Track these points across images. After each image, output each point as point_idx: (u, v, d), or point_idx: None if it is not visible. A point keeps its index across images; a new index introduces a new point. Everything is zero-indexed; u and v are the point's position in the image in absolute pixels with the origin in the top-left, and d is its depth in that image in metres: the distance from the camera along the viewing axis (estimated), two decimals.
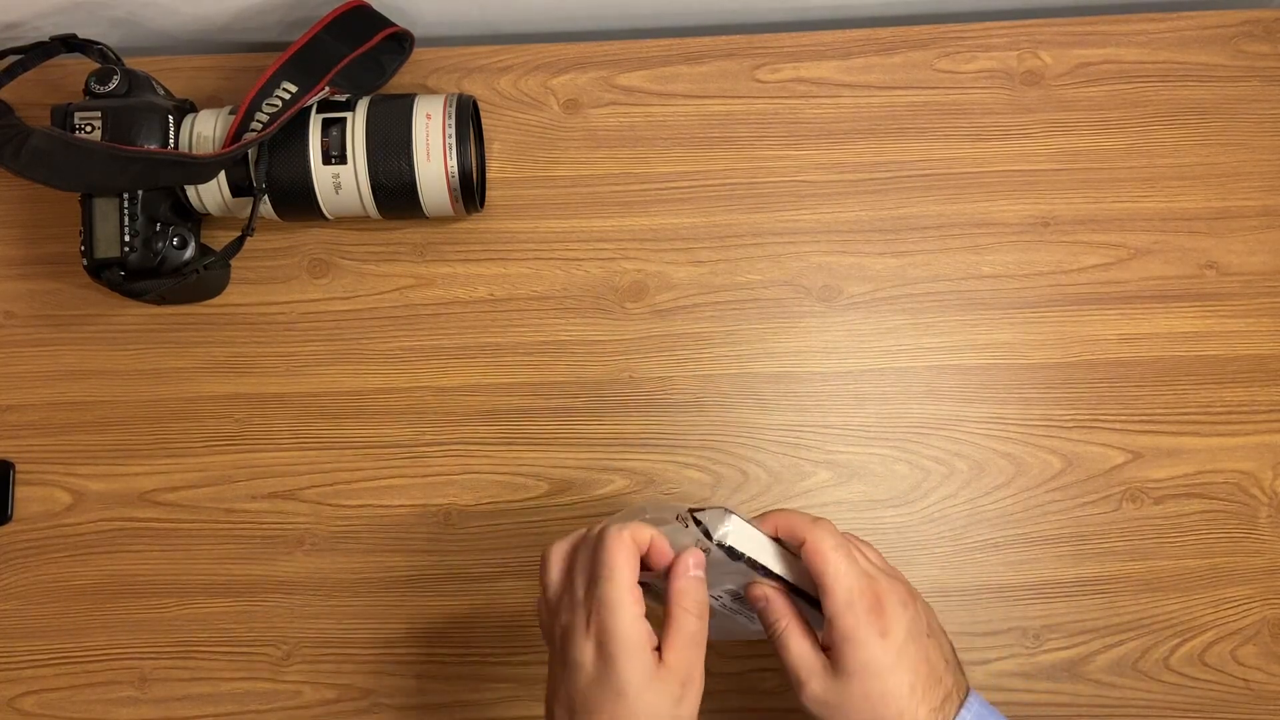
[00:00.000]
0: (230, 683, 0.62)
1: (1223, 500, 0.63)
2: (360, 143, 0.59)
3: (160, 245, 0.60)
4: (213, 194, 0.61)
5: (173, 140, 0.59)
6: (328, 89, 0.61)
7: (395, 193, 0.60)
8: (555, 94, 0.68)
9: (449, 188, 0.61)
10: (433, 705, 0.61)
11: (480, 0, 0.70)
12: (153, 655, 0.62)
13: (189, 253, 0.61)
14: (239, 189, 0.60)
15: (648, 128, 0.68)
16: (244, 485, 0.63)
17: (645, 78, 0.68)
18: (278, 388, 0.64)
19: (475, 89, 0.68)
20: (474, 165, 0.61)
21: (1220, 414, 0.64)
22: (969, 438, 0.64)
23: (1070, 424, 0.64)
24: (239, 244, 0.61)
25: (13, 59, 0.64)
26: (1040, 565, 0.62)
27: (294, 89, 0.60)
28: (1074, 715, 0.61)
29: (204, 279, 0.62)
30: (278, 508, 0.63)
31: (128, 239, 0.59)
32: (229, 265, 0.64)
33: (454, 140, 0.60)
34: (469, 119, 0.61)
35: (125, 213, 0.59)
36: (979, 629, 0.62)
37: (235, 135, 0.59)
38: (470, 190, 0.61)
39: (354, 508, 0.63)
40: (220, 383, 0.64)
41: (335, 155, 0.59)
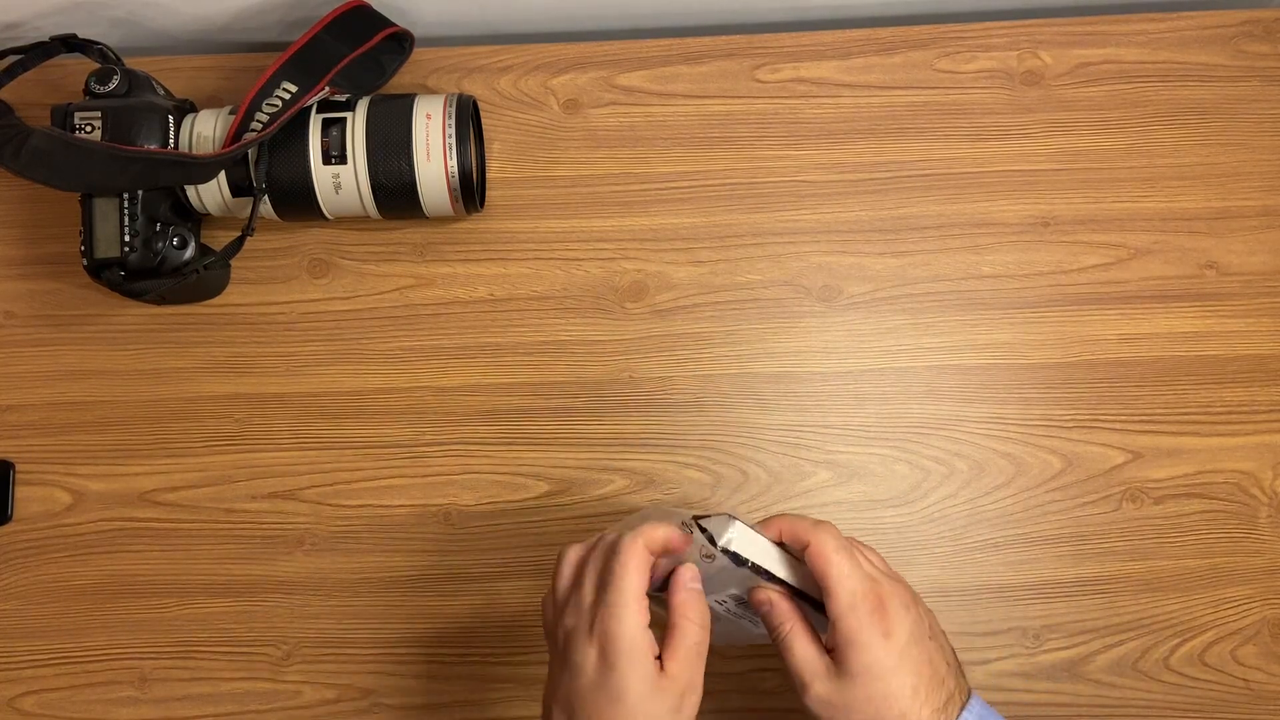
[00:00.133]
0: (230, 683, 0.62)
1: (1223, 500, 0.63)
2: (360, 143, 0.59)
3: (160, 245, 0.60)
4: (213, 194, 0.61)
5: (173, 140, 0.59)
6: (328, 89, 0.61)
7: (395, 193, 0.60)
8: (555, 94, 0.68)
9: (449, 188, 0.61)
10: (433, 705, 0.61)
11: (480, 0, 0.70)
12: (153, 655, 0.62)
13: (189, 253, 0.61)
14: (239, 189, 0.60)
15: (648, 128, 0.68)
16: (244, 485, 0.63)
17: (645, 78, 0.68)
18: (278, 388, 0.64)
19: (475, 89, 0.68)
20: (474, 165, 0.61)
21: (1220, 414, 0.64)
22: (969, 438, 0.64)
23: (1070, 424, 0.64)
24: (239, 244, 0.61)
25: (13, 59, 0.64)
26: (1040, 565, 0.62)
27: (294, 89, 0.60)
28: (1074, 715, 0.61)
29: (204, 279, 0.62)
30: (278, 508, 0.63)
31: (128, 239, 0.59)
32: (229, 265, 0.64)
33: (454, 140, 0.60)
34: (469, 119, 0.61)
35: (125, 213, 0.59)
36: (979, 629, 0.62)
37: (235, 135, 0.59)
38: (470, 190, 0.61)
39: (354, 508, 0.63)
40: (220, 383, 0.64)
41: (335, 155, 0.59)
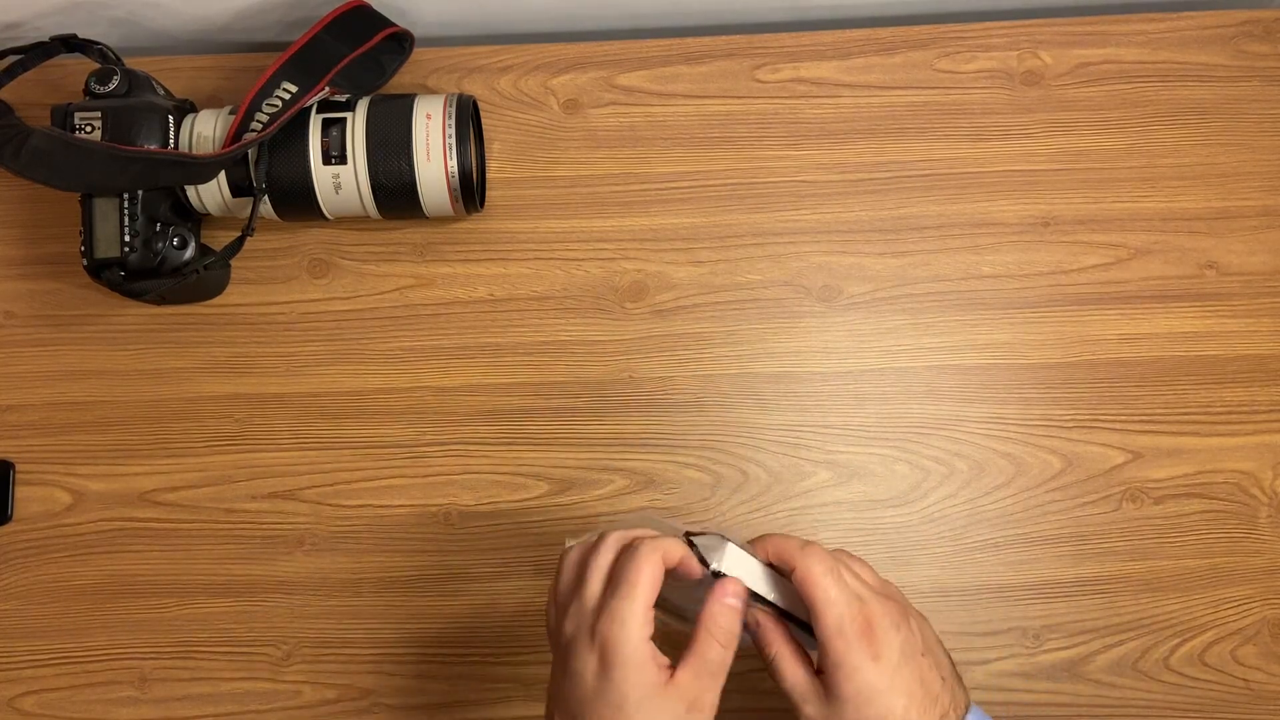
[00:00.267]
0: (230, 683, 0.62)
1: (1223, 500, 0.63)
2: (360, 143, 0.59)
3: (160, 245, 0.60)
4: (213, 194, 0.61)
5: (173, 140, 0.59)
6: (328, 89, 0.61)
7: (395, 193, 0.60)
8: (555, 94, 0.68)
9: (449, 188, 0.61)
10: (433, 705, 0.61)
11: (480, 0, 0.70)
12: (153, 655, 0.62)
13: (189, 253, 0.61)
14: (239, 189, 0.60)
15: (648, 128, 0.68)
16: (244, 485, 0.63)
17: (645, 78, 0.68)
18: (278, 388, 0.64)
19: (475, 89, 0.68)
20: (474, 165, 0.61)
21: (1220, 414, 0.64)
22: (969, 438, 0.64)
23: (1070, 424, 0.64)
24: (239, 244, 0.61)
25: (13, 59, 0.64)
26: (1040, 565, 0.62)
27: (294, 89, 0.60)
28: (1074, 715, 0.61)
29: (204, 279, 0.62)
30: (278, 508, 0.63)
31: (128, 239, 0.59)
32: (229, 265, 0.64)
33: (454, 140, 0.60)
34: (469, 119, 0.61)
35: (125, 213, 0.59)
36: (979, 629, 0.62)
37: (235, 135, 0.59)
38: (470, 190, 0.61)
39: (354, 508, 0.63)
40: (220, 383, 0.64)
41: (335, 155, 0.59)
